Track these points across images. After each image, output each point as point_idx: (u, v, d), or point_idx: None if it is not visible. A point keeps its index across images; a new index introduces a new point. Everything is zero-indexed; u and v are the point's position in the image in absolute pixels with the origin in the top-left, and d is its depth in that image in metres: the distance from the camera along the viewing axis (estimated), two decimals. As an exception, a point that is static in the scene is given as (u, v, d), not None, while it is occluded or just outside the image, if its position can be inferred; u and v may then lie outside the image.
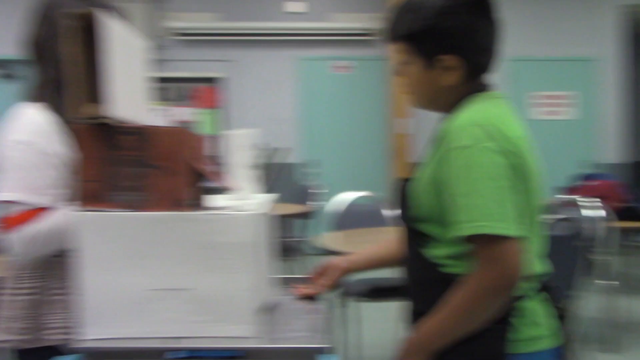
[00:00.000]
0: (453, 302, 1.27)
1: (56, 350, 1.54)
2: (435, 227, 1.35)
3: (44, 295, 1.56)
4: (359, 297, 3.36)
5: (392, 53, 1.44)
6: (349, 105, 7.74)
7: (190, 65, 7.82)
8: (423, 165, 1.39)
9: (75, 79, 1.17)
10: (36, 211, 1.48)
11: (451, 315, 1.28)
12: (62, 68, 1.56)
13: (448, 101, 1.39)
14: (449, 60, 1.35)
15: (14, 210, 1.48)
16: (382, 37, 1.64)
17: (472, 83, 1.39)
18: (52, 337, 1.54)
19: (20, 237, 1.47)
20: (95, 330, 1.23)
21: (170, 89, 7.79)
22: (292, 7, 7.77)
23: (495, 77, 1.45)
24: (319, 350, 1.23)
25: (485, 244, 1.22)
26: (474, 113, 1.30)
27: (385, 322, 4.13)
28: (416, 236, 1.40)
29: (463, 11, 1.33)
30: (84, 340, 1.23)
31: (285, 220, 4.97)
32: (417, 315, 1.40)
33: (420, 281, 1.40)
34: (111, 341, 1.22)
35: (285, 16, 7.78)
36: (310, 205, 5.13)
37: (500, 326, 1.29)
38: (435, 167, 1.32)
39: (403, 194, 1.43)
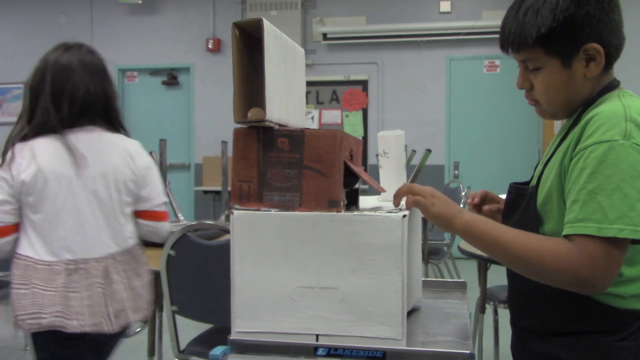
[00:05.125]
0: (533, 243, 1.20)
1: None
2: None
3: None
4: (499, 303, 3.30)
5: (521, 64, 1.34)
6: (500, 105, 7.50)
7: (338, 68, 7.97)
8: (548, 163, 1.31)
9: (239, 84, 1.24)
10: None
11: (517, 247, 1.20)
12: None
13: (583, 99, 1.30)
14: (593, 48, 1.24)
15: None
16: (503, 50, 1.49)
17: (607, 75, 1.31)
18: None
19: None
20: (244, 324, 1.29)
21: (319, 92, 7.98)
22: (442, 7, 7.67)
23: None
24: (461, 357, 1.21)
25: (610, 245, 1.14)
26: (621, 107, 1.21)
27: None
28: None
29: None
30: (234, 332, 1.29)
31: (430, 223, 4.92)
32: (530, 332, 1.34)
33: (536, 295, 1.31)
34: (259, 335, 1.28)
35: (432, 16, 7.70)
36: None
37: (632, 343, 1.22)
38: (564, 160, 1.23)
39: (524, 198, 1.34)
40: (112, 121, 1.98)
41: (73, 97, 1.87)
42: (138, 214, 2.00)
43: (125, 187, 1.93)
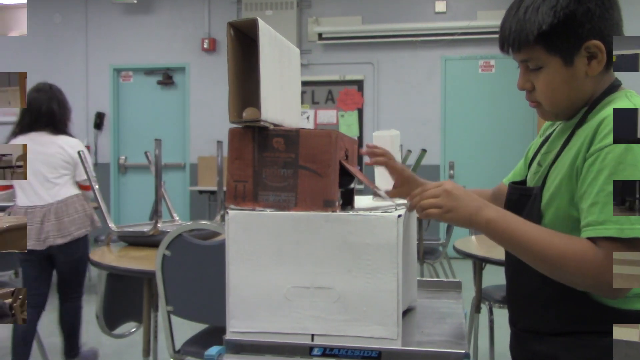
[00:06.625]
0: (558, 243, 1.18)
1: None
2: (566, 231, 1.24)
3: None
4: (494, 302, 3.30)
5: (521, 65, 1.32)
6: (495, 105, 7.52)
7: (334, 68, 7.97)
8: (553, 165, 1.29)
9: (234, 84, 1.24)
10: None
11: (540, 247, 1.19)
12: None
13: (585, 99, 1.29)
14: (594, 45, 1.23)
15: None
16: (503, 51, 1.47)
17: (608, 74, 1.29)
18: None
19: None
20: (239, 324, 1.29)
21: (314, 92, 7.99)
22: (437, 7, 7.69)
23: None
24: (456, 357, 1.21)
25: (633, 246, 1.13)
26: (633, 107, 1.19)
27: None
28: None
29: None
30: (229, 332, 1.29)
31: (425, 223, 4.93)
32: (529, 332, 1.33)
33: (536, 295, 1.30)
34: (254, 335, 1.28)
35: (427, 17, 7.71)
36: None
37: None
38: (576, 162, 1.22)
39: (529, 199, 1.32)
40: (58, 127, 3.42)
41: (32, 113, 3.37)
42: (77, 183, 3.47)
43: (60, 165, 3.36)
